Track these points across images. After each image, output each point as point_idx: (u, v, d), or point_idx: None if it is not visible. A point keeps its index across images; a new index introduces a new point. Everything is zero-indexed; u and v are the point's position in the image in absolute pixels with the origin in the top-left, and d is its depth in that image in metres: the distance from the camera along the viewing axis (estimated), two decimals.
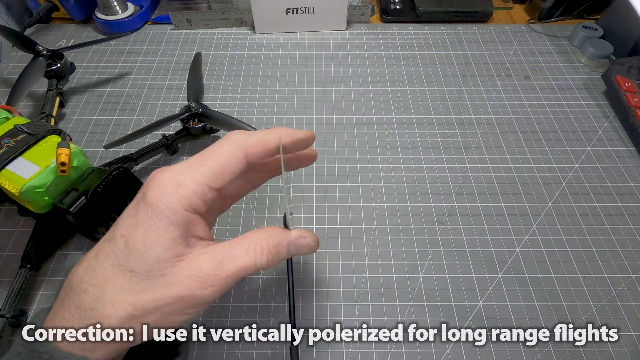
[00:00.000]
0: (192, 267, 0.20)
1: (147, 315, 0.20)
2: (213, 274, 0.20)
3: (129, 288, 0.19)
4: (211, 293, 0.20)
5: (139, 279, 0.19)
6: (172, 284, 0.20)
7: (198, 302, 0.20)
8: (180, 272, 0.20)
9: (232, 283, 0.21)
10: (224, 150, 0.23)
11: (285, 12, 0.59)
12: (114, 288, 0.20)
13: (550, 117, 0.50)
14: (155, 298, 0.19)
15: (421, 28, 0.63)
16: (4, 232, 0.40)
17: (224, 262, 0.20)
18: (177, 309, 0.20)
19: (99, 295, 0.20)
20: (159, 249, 0.20)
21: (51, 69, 0.49)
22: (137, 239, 0.20)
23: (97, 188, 0.31)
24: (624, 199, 0.43)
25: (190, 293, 0.20)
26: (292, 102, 0.52)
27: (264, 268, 0.22)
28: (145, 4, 0.63)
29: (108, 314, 0.19)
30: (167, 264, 0.20)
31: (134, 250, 0.20)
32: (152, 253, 0.19)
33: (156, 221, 0.20)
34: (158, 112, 0.51)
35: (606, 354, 0.33)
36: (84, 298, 0.20)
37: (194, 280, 0.20)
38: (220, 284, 0.20)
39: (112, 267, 0.20)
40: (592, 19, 0.63)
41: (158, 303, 0.19)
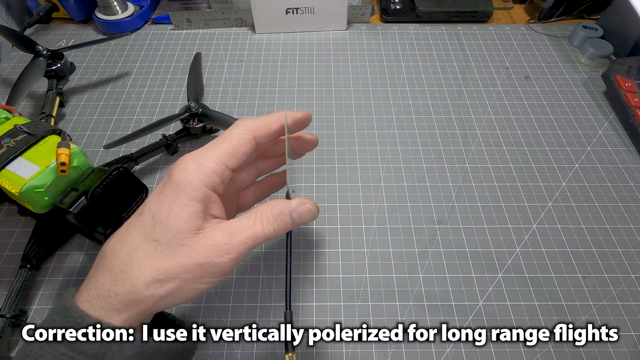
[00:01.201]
0: (208, 239, 0.22)
1: (170, 280, 0.22)
2: (226, 243, 0.22)
3: (154, 255, 0.22)
4: (227, 260, 0.22)
5: (162, 247, 0.22)
6: (192, 252, 0.22)
7: (216, 270, 0.22)
8: (198, 242, 0.22)
9: (245, 251, 0.23)
10: (234, 134, 0.25)
11: (285, 12, 0.59)
12: (142, 255, 0.22)
13: (550, 117, 0.50)
14: (177, 264, 0.22)
15: (421, 28, 0.63)
16: (4, 232, 0.40)
17: (235, 233, 0.23)
18: (197, 276, 0.22)
19: (129, 260, 0.22)
20: (180, 220, 0.22)
21: (51, 69, 0.49)
22: (162, 212, 0.22)
23: (97, 188, 0.31)
24: (624, 199, 0.43)
25: (209, 260, 0.22)
26: (292, 102, 0.52)
27: (273, 236, 0.24)
28: (145, 4, 0.63)
29: (136, 275, 0.22)
30: (186, 234, 0.22)
31: (159, 222, 0.22)
32: (174, 224, 0.22)
33: (179, 196, 0.22)
34: (158, 112, 0.51)
35: (606, 354, 0.33)
36: (116, 263, 0.22)
37: (211, 249, 0.22)
38: (234, 251, 0.22)
39: (140, 237, 0.23)
40: (592, 19, 0.63)
41: (179, 269, 0.22)
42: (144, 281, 0.22)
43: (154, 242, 0.22)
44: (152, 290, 0.22)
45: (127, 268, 0.22)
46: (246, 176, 0.30)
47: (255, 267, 0.38)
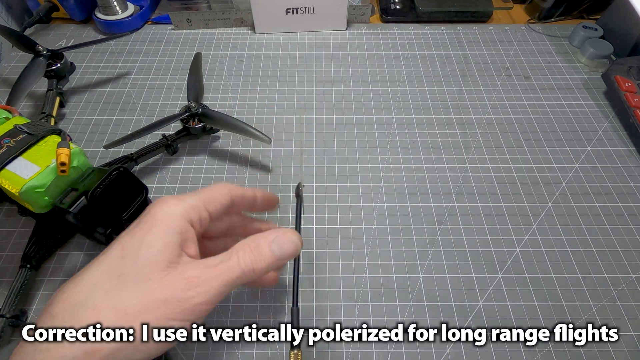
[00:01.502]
0: (178, 273, 0.20)
1: (131, 321, 0.19)
2: (197, 276, 0.20)
3: (114, 292, 0.19)
4: (196, 294, 0.20)
5: (125, 283, 0.19)
6: (156, 287, 0.19)
7: (183, 308, 0.19)
8: (167, 277, 0.20)
9: (218, 287, 0.20)
10: (213, 187, 0.25)
11: (285, 12, 0.59)
12: (99, 293, 0.19)
13: (550, 117, 0.50)
14: (138, 301, 0.19)
15: (421, 28, 0.63)
16: (4, 232, 0.40)
17: (208, 266, 0.21)
18: (162, 315, 0.19)
19: (82, 301, 0.19)
20: (153, 250, 0.20)
21: (51, 69, 0.49)
22: (134, 243, 0.20)
23: (97, 188, 0.31)
24: (624, 199, 0.43)
25: (174, 294, 0.19)
26: (292, 102, 0.52)
27: (251, 272, 0.21)
28: (145, 4, 0.63)
29: (87, 319, 0.19)
30: (156, 267, 0.20)
31: (128, 254, 0.20)
32: (146, 253, 0.20)
33: (155, 226, 0.21)
34: (158, 112, 0.51)
35: (606, 354, 0.33)
36: (63, 306, 0.20)
37: (178, 282, 0.20)
38: (204, 285, 0.20)
39: (102, 272, 0.20)
40: (592, 19, 0.63)
41: (139, 307, 0.19)
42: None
43: (116, 278, 0.19)
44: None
45: (78, 309, 0.19)
46: (220, 224, 0.28)
47: None
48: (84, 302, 0.19)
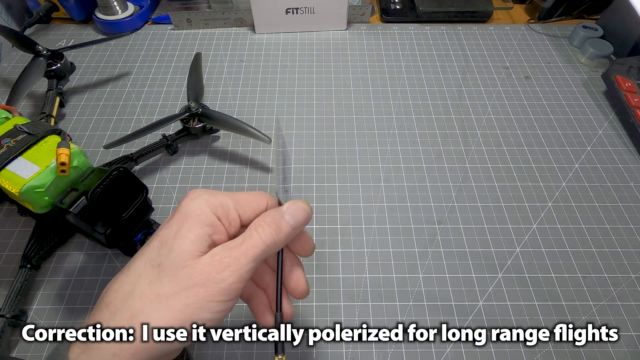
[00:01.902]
0: (208, 256, 0.22)
1: (173, 306, 0.21)
2: (227, 256, 0.22)
3: (156, 281, 0.21)
4: (230, 274, 0.21)
5: (165, 271, 0.21)
6: (193, 273, 0.21)
7: (220, 290, 0.21)
8: (201, 263, 0.21)
9: (247, 264, 0.22)
10: (250, 192, 0.25)
11: (285, 12, 0.59)
12: (144, 282, 0.21)
13: (550, 117, 0.50)
14: (178, 288, 0.21)
15: (421, 28, 0.63)
16: (4, 232, 0.40)
17: (234, 247, 0.22)
18: (201, 300, 0.21)
19: (131, 290, 0.21)
20: (187, 240, 0.21)
21: (51, 69, 0.49)
22: (169, 235, 0.22)
23: (97, 188, 0.31)
24: (624, 199, 0.43)
25: (210, 277, 0.21)
26: (292, 102, 0.52)
27: (273, 244, 0.23)
28: (145, 4, 0.63)
29: (137, 306, 0.20)
30: (190, 256, 0.21)
31: (164, 244, 0.22)
32: (180, 243, 0.21)
33: (188, 219, 0.22)
34: (158, 112, 0.51)
35: (606, 354, 0.33)
36: (115, 296, 0.21)
37: (212, 266, 0.21)
38: (235, 263, 0.21)
39: (144, 264, 0.22)
40: (592, 19, 0.63)
41: (180, 292, 0.21)
42: (143, 312, 0.20)
43: (157, 267, 0.21)
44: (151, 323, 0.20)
45: (128, 298, 0.21)
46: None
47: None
48: (132, 292, 0.21)
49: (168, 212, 0.42)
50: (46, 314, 0.35)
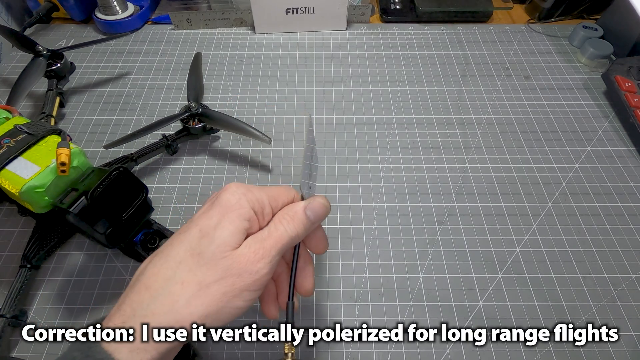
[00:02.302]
0: (243, 247, 0.23)
1: (210, 297, 0.22)
2: (260, 247, 0.23)
3: (196, 269, 0.22)
4: (263, 266, 0.23)
5: (204, 260, 0.22)
6: (231, 264, 0.22)
7: (253, 280, 0.23)
8: (236, 252, 0.23)
9: (276, 256, 0.24)
10: (279, 187, 0.27)
11: (285, 12, 0.59)
12: (185, 269, 0.22)
13: (550, 117, 0.50)
14: (218, 277, 0.22)
15: (421, 28, 0.63)
16: (4, 232, 0.40)
17: (264, 239, 0.24)
18: (237, 289, 0.22)
19: (171, 275, 0.22)
20: (227, 232, 0.23)
21: (51, 69, 0.49)
22: (210, 225, 0.23)
23: (97, 188, 0.31)
24: (624, 199, 0.43)
25: (247, 268, 0.22)
26: (292, 102, 0.52)
27: (296, 236, 0.24)
28: (145, 4, 0.63)
29: (177, 292, 0.22)
30: (229, 247, 0.23)
31: (205, 234, 0.23)
32: (221, 235, 0.23)
33: (228, 212, 0.23)
34: (158, 112, 0.51)
35: (606, 354, 0.33)
36: (155, 279, 0.22)
37: (247, 257, 0.23)
38: (267, 255, 0.23)
39: (185, 251, 0.23)
40: (592, 19, 0.63)
41: (220, 283, 0.22)
42: (184, 297, 0.21)
43: (197, 256, 0.22)
44: (191, 309, 0.21)
45: (169, 283, 0.22)
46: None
47: None
48: (172, 277, 0.22)
49: (168, 212, 0.42)
50: (46, 314, 0.35)
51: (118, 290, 0.36)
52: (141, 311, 0.21)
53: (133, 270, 0.37)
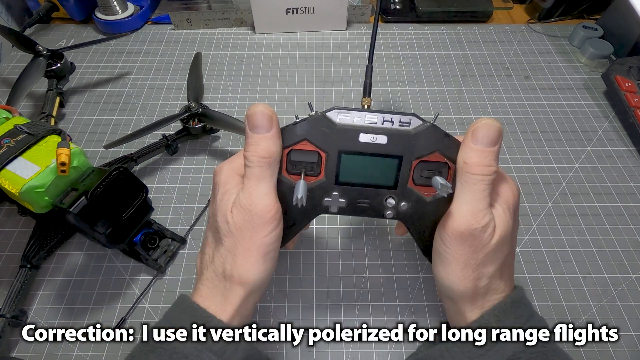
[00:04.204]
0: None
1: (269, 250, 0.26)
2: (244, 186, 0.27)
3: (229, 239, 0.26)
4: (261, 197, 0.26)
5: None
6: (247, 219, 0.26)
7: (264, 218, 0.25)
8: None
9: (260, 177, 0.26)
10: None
11: (285, 12, 0.59)
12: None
13: (550, 117, 0.50)
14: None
15: (421, 28, 0.63)
16: (4, 232, 0.40)
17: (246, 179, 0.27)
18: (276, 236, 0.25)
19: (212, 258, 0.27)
20: (229, 204, 0.26)
21: (51, 69, 0.49)
22: (215, 208, 0.26)
23: (97, 188, 0.31)
24: (624, 199, 0.43)
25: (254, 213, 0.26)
26: (292, 102, 0.52)
27: (249, 152, 0.25)
28: (145, 4, 0.63)
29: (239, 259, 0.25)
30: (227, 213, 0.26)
31: (215, 214, 0.26)
32: (224, 207, 0.26)
33: (218, 191, 0.26)
34: (158, 112, 0.51)
35: (606, 354, 0.33)
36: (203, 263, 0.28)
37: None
38: (256, 186, 0.26)
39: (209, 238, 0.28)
40: (592, 19, 0.63)
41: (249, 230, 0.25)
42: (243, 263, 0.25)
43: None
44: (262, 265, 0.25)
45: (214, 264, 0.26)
46: None
47: None
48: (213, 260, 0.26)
49: (168, 212, 0.42)
50: (46, 314, 0.35)
51: (118, 290, 0.36)
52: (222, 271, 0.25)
53: (133, 270, 0.38)
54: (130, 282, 0.37)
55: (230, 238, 0.25)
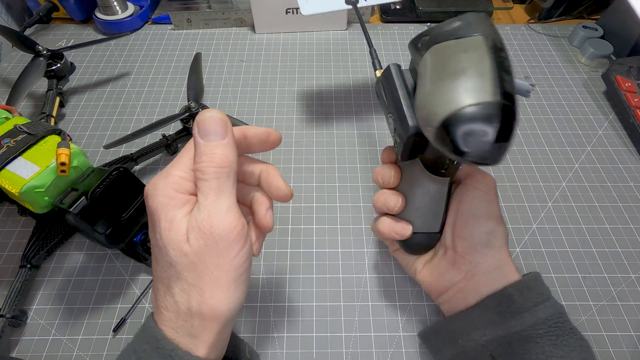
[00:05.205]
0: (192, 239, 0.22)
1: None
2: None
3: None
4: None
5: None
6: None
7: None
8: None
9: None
10: (188, 144, 0.24)
11: (285, 12, 0.59)
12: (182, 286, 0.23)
13: (550, 117, 0.50)
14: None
15: (421, 28, 0.63)
16: (4, 232, 0.40)
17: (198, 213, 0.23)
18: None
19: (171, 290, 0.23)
20: (172, 233, 0.22)
21: (51, 69, 0.49)
22: (156, 239, 0.22)
23: (97, 188, 0.31)
24: (624, 199, 0.43)
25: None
26: (292, 102, 0.52)
27: (216, 172, 0.22)
28: (145, 4, 0.63)
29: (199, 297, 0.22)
30: (181, 244, 0.22)
31: (160, 250, 0.22)
32: (166, 240, 0.22)
33: (154, 218, 0.22)
34: (158, 112, 0.51)
35: (606, 354, 0.33)
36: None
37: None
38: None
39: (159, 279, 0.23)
40: (592, 19, 0.63)
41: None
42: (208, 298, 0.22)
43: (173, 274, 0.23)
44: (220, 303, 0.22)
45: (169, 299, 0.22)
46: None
47: (255, 267, 0.38)
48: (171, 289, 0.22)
49: None
50: (46, 314, 0.35)
51: (118, 290, 0.36)
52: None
53: (133, 270, 0.38)
54: (130, 282, 0.37)
55: (191, 271, 0.21)
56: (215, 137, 0.22)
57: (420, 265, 0.32)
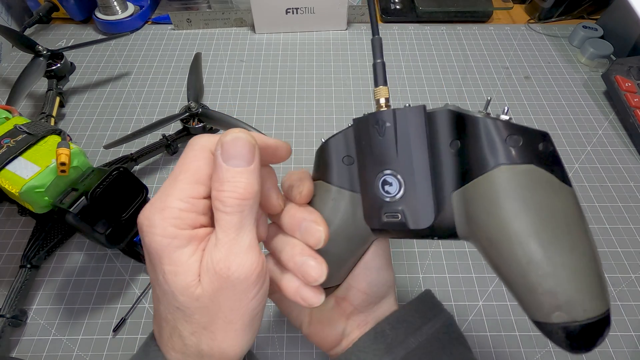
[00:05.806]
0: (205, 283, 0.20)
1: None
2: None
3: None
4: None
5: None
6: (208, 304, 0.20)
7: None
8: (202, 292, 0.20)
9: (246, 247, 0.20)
10: (189, 158, 0.20)
11: (285, 12, 0.59)
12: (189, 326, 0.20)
13: (550, 117, 0.50)
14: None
15: (421, 28, 0.63)
16: (4, 232, 0.40)
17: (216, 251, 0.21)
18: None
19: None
20: (179, 277, 0.19)
21: (51, 69, 0.49)
22: (158, 280, 0.19)
23: (97, 188, 0.31)
24: (624, 199, 0.43)
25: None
26: (292, 102, 0.52)
27: (241, 204, 0.19)
28: (145, 4, 0.63)
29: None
30: (191, 288, 0.19)
31: (161, 292, 0.20)
32: (171, 283, 0.19)
33: (154, 261, 0.19)
34: (158, 112, 0.51)
35: (606, 354, 0.33)
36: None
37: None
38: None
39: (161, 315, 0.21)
40: (592, 19, 0.63)
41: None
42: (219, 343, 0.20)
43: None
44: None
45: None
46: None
47: None
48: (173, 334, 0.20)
49: None
50: (46, 314, 0.35)
51: (118, 290, 0.36)
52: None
53: (133, 270, 0.38)
54: (130, 282, 0.37)
55: (203, 314, 0.19)
56: (241, 163, 0.19)
57: (307, 317, 0.27)
